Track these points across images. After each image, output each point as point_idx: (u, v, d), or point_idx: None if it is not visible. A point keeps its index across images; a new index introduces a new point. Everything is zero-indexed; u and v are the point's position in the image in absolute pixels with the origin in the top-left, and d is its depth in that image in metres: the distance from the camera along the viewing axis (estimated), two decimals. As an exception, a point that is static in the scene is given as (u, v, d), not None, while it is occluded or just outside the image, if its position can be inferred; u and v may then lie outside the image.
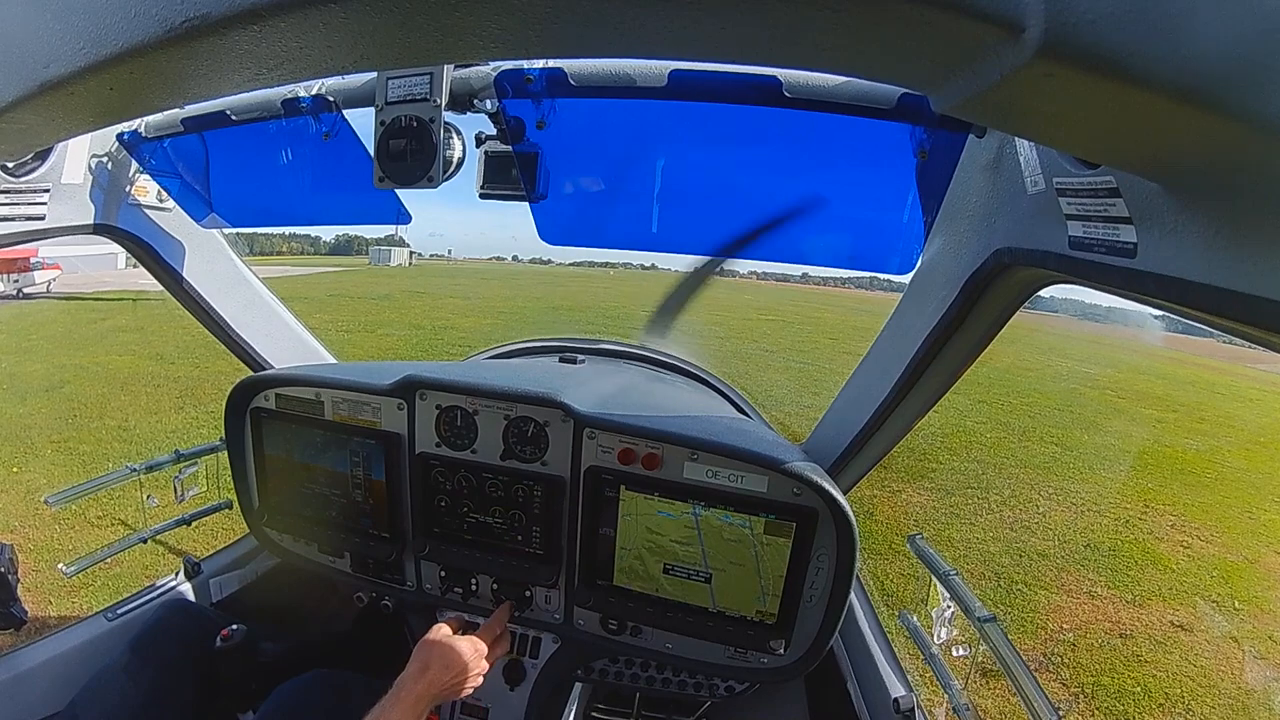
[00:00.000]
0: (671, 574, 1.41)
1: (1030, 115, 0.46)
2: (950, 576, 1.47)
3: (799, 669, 1.38)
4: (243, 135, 1.42)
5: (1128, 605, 5.25)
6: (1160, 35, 0.35)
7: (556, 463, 1.47)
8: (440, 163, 1.16)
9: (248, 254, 2.14)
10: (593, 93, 1.09)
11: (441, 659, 1.30)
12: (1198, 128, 0.43)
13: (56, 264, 19.99)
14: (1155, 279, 0.65)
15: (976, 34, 0.36)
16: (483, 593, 1.59)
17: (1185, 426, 11.79)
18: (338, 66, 0.48)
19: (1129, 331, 22.72)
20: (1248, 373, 18.76)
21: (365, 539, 1.64)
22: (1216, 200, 0.56)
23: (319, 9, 0.37)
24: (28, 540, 4.81)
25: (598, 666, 1.62)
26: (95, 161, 1.48)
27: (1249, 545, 6.59)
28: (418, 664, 1.29)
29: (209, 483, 2.08)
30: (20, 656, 1.57)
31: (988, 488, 7.38)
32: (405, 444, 1.55)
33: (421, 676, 1.26)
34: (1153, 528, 6.75)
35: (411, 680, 1.25)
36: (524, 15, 0.39)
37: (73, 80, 0.48)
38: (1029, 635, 4.77)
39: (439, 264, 53.93)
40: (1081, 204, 0.74)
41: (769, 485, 1.31)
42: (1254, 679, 4.49)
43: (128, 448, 6.91)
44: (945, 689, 1.43)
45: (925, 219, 1.14)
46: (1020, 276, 0.98)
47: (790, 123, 1.07)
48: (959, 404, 10.71)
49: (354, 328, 16.48)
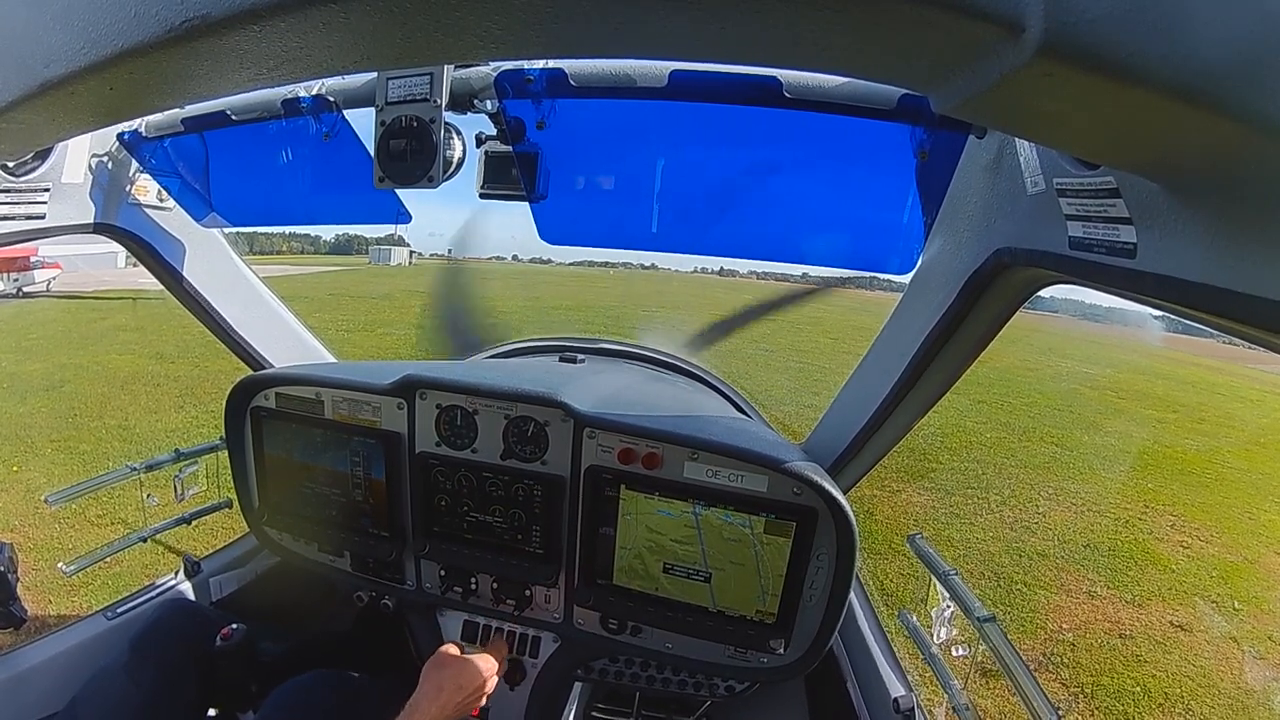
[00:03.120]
0: (671, 573, 1.41)
1: (1030, 115, 0.46)
2: (950, 576, 1.47)
3: (799, 668, 1.38)
4: (243, 135, 1.43)
5: (1127, 605, 5.25)
6: (1160, 35, 0.35)
7: (557, 462, 1.47)
8: (440, 163, 1.16)
9: (248, 253, 2.14)
10: (593, 93, 1.09)
11: (454, 680, 1.35)
12: (1198, 128, 0.43)
13: (56, 263, 19.99)
14: (1155, 279, 0.65)
15: (976, 34, 0.36)
16: (482, 592, 1.59)
17: (1185, 427, 11.79)
18: (338, 66, 0.48)
19: (1129, 331, 22.71)
20: (1248, 373, 18.74)
21: (365, 538, 1.65)
22: (1216, 200, 0.56)
23: (319, 9, 0.37)
24: (28, 539, 4.82)
25: (597, 666, 1.62)
26: (95, 161, 1.48)
27: (1249, 546, 6.59)
28: (431, 685, 1.34)
29: (209, 482, 2.08)
30: (20, 656, 1.57)
31: (987, 488, 7.38)
32: (405, 443, 1.55)
33: (437, 698, 1.31)
34: (1152, 528, 6.75)
35: (428, 701, 1.30)
36: (524, 15, 0.39)
37: (73, 80, 0.48)
38: (1029, 635, 4.77)
39: (438, 264, 54.04)
40: (1081, 204, 0.74)
41: (769, 485, 1.31)
42: (1254, 679, 4.49)
43: (128, 447, 6.91)
44: (945, 689, 1.43)
45: (925, 219, 1.14)
46: (1020, 277, 0.98)
47: (790, 123, 1.07)
48: (959, 404, 10.70)
49: (354, 327, 16.47)
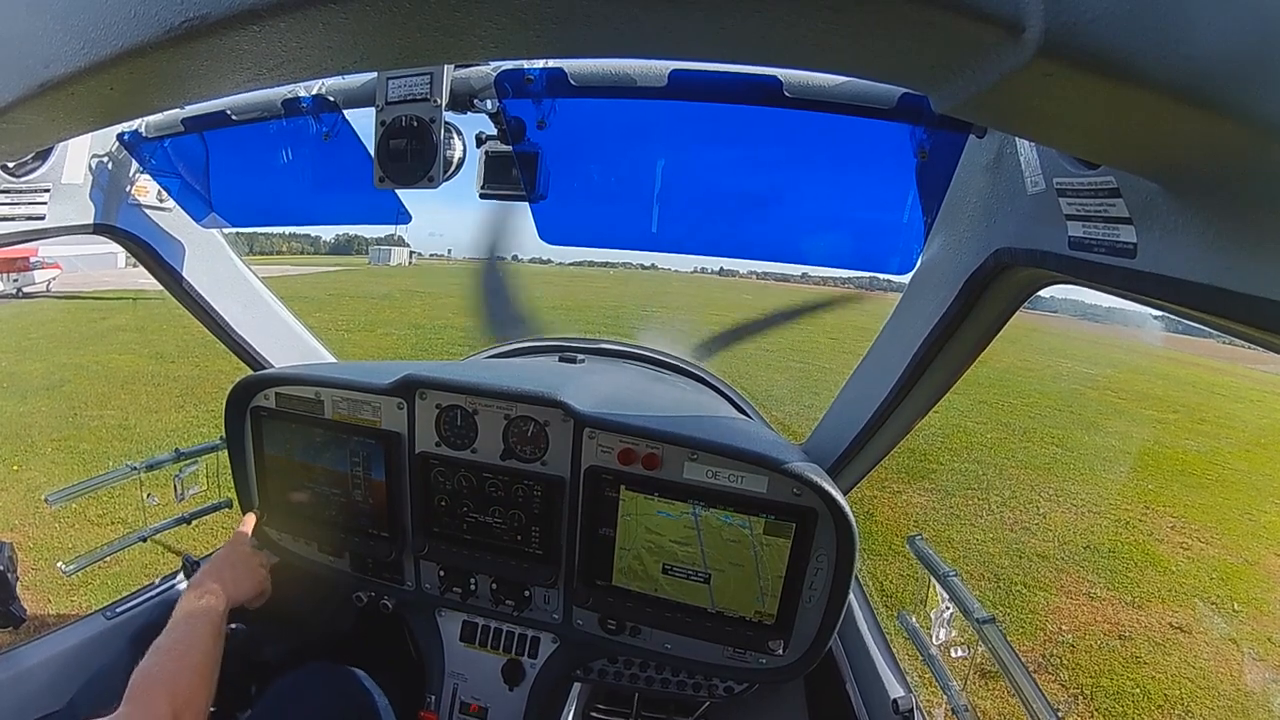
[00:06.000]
0: (671, 574, 1.41)
1: (1030, 115, 0.46)
2: (949, 577, 1.47)
3: (798, 669, 1.38)
4: (243, 135, 1.43)
5: (1127, 607, 5.25)
6: (1160, 35, 0.35)
7: (556, 462, 1.46)
8: (440, 163, 1.16)
9: (247, 253, 2.14)
10: (593, 93, 1.09)
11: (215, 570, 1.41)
12: (1197, 128, 0.43)
13: (56, 263, 19.99)
14: (1155, 279, 0.65)
15: (977, 34, 0.36)
16: (482, 592, 1.59)
17: (1185, 427, 11.79)
18: (338, 66, 0.48)
19: (1129, 332, 22.70)
20: (1248, 373, 18.74)
21: (365, 539, 1.64)
22: (1216, 200, 0.56)
23: (319, 9, 0.37)
24: (27, 539, 4.82)
25: (597, 666, 1.62)
26: (95, 161, 1.48)
27: (1249, 547, 6.59)
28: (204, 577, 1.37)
29: (209, 481, 2.08)
30: (19, 655, 1.57)
31: (988, 488, 7.38)
32: (405, 443, 1.55)
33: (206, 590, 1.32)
34: (1152, 529, 6.75)
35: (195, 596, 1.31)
36: (524, 15, 0.39)
37: (73, 80, 0.48)
38: (1028, 636, 4.77)
39: (439, 263, 53.99)
40: (1081, 204, 0.74)
41: (769, 485, 1.31)
42: (1253, 681, 4.49)
43: (128, 446, 6.92)
44: (944, 690, 1.43)
45: (925, 219, 1.14)
46: (1020, 277, 0.98)
47: (790, 123, 1.07)
48: (959, 404, 10.70)
49: (354, 327, 16.49)
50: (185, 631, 1.21)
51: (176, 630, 1.21)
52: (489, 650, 1.64)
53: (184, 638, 1.20)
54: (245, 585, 1.44)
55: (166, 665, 1.13)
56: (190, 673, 1.14)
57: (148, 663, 1.12)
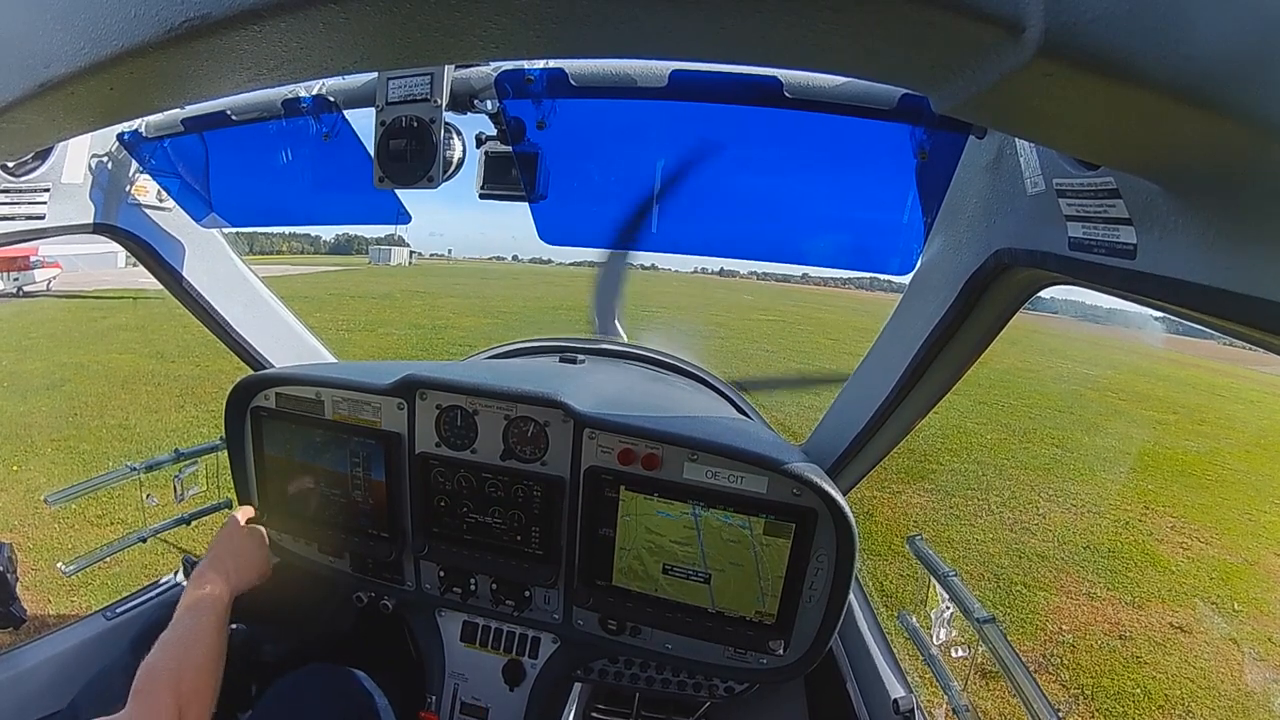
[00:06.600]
0: (671, 574, 1.41)
1: (1030, 115, 0.46)
2: (949, 577, 1.47)
3: (798, 669, 1.38)
4: (243, 135, 1.43)
5: (1127, 607, 5.25)
6: (1160, 35, 0.35)
7: (556, 463, 1.46)
8: (440, 163, 1.16)
9: (247, 253, 2.15)
10: (593, 93, 1.09)
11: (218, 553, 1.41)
12: (1197, 128, 0.43)
13: (56, 262, 20.03)
14: (1155, 280, 0.65)
15: (976, 34, 0.36)
16: (482, 593, 1.59)
17: (1186, 428, 11.80)
18: (338, 67, 0.48)
19: (1130, 333, 22.73)
20: (1248, 374, 18.75)
21: (365, 539, 1.64)
22: (1216, 200, 0.56)
23: (319, 9, 0.37)
24: (27, 539, 4.82)
25: (597, 667, 1.62)
26: (95, 161, 1.48)
27: (1249, 547, 6.59)
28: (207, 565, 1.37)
29: (209, 482, 2.08)
30: (20, 655, 1.57)
31: (988, 489, 7.39)
32: (405, 444, 1.55)
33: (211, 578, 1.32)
34: (1152, 529, 6.76)
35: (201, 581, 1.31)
36: (524, 15, 0.39)
37: (73, 80, 0.48)
38: (1028, 636, 4.77)
39: (439, 264, 54.04)
40: (1081, 205, 0.74)
41: (768, 486, 1.31)
42: (1253, 681, 4.49)
43: (128, 446, 6.92)
44: (944, 690, 1.43)
45: (925, 219, 1.14)
46: (1020, 277, 0.98)
47: (790, 123, 1.07)
48: (960, 405, 10.71)
49: (354, 327, 16.49)
50: (189, 625, 1.21)
51: (181, 624, 1.21)
52: (489, 650, 1.64)
53: (188, 632, 1.20)
54: (247, 570, 1.43)
55: (170, 660, 1.13)
56: (195, 666, 1.13)
57: (153, 658, 1.12)
